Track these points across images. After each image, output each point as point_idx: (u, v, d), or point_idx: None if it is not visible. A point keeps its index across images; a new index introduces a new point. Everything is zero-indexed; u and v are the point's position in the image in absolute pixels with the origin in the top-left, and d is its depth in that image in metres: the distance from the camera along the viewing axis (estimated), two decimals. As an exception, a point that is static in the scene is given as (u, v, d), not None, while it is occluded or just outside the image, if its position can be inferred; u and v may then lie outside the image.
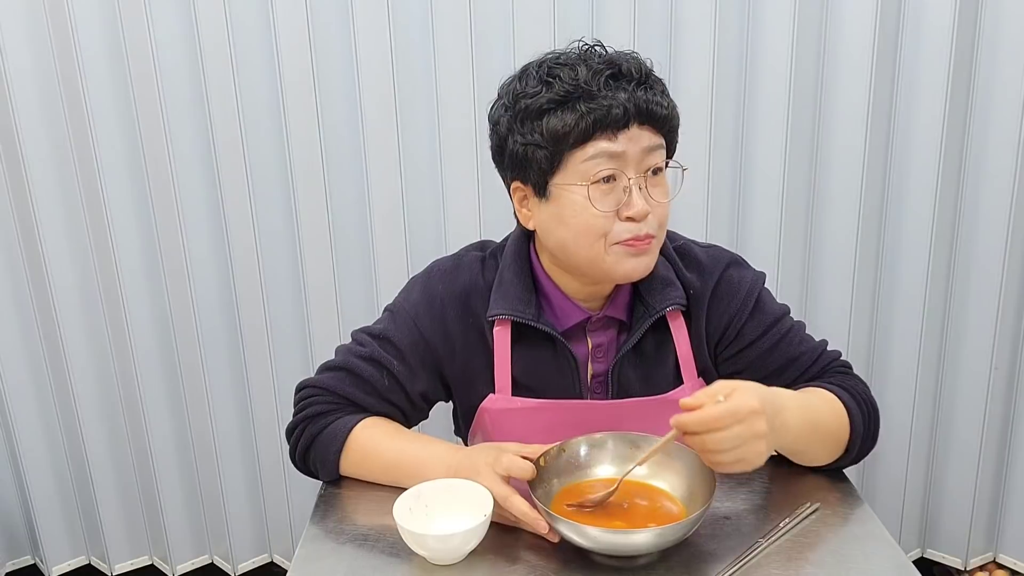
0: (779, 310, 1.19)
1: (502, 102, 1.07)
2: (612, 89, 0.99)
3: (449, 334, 1.15)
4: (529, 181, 1.06)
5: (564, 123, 0.99)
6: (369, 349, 1.15)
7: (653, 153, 1.03)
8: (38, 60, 1.66)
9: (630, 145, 1.00)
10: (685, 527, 0.91)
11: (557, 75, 1.00)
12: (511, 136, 1.04)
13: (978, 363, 1.79)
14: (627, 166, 1.01)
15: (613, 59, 1.01)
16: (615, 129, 0.99)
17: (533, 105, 1.01)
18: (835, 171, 1.71)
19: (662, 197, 1.05)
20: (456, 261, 1.19)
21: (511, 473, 0.98)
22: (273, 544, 2.04)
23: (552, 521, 0.93)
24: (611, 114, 0.98)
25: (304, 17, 1.62)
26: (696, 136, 1.70)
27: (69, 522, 2.01)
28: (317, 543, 1.02)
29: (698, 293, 1.14)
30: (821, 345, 1.19)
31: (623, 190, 1.02)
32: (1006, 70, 1.61)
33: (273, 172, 1.73)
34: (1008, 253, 1.70)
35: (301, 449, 1.14)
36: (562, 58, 1.03)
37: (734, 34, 1.65)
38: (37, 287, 1.81)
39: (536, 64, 1.04)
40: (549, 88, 1.00)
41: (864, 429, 1.08)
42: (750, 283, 1.16)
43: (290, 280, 1.81)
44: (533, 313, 1.12)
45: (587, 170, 1.01)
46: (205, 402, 1.88)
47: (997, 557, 1.94)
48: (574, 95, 0.99)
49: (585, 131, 0.99)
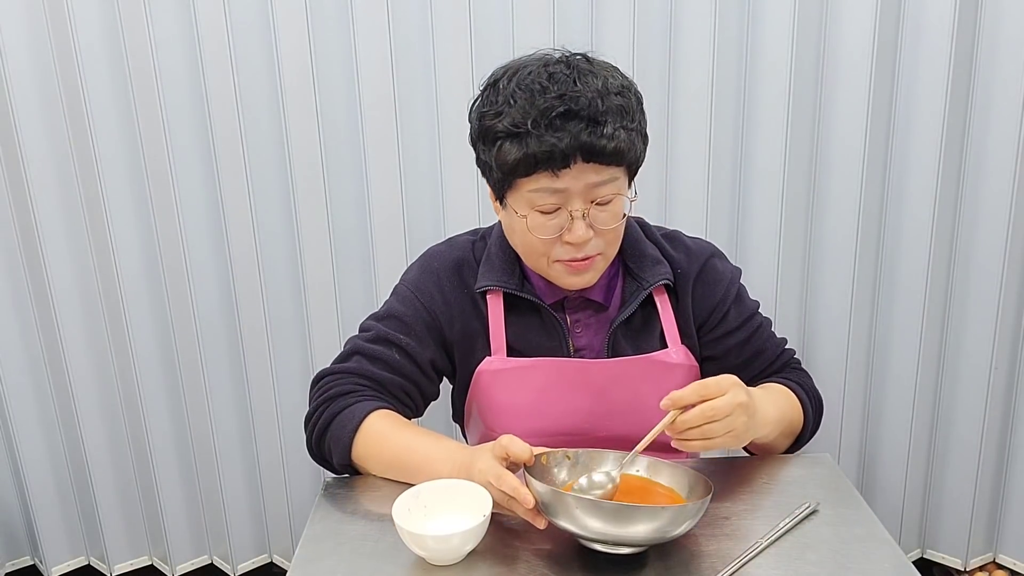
0: (753, 305, 1.28)
1: (475, 107, 1.11)
2: (558, 129, 1.01)
3: (448, 302, 1.21)
4: (490, 186, 1.14)
5: (512, 155, 1.03)
6: (376, 331, 1.21)
7: (602, 186, 1.06)
8: (38, 60, 1.66)
9: (573, 182, 1.04)
10: (682, 512, 0.89)
11: (516, 101, 1.03)
12: (476, 145, 1.12)
13: (978, 363, 1.79)
14: (571, 199, 1.06)
15: (568, 94, 1.02)
16: (557, 168, 1.03)
17: (490, 129, 1.06)
18: (835, 171, 1.71)
19: (610, 223, 1.09)
20: (449, 243, 1.28)
21: (509, 451, 0.98)
22: (273, 544, 2.04)
23: (548, 505, 0.92)
24: (554, 153, 1.01)
25: (304, 18, 1.62)
26: (696, 136, 1.70)
27: (68, 522, 2.01)
28: (317, 543, 1.02)
29: (684, 272, 1.22)
30: (782, 342, 1.31)
31: (568, 216, 1.07)
32: (1006, 70, 1.61)
33: (273, 173, 1.73)
34: (1008, 253, 1.70)
35: (319, 432, 1.17)
36: (529, 78, 1.04)
37: (734, 34, 1.65)
38: (36, 288, 1.81)
39: (506, 77, 1.07)
40: (504, 116, 1.04)
41: (813, 422, 1.24)
42: (731, 275, 1.25)
43: (290, 280, 1.81)
44: (517, 283, 1.19)
45: (532, 199, 1.06)
46: (205, 402, 1.88)
47: (997, 557, 1.94)
48: (523, 129, 1.02)
49: (528, 166, 1.03)
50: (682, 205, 1.75)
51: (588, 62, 1.07)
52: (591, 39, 1.64)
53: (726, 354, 1.25)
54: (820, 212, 1.75)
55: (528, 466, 0.98)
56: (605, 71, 1.07)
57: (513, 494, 0.95)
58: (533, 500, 0.93)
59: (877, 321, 1.82)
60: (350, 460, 1.15)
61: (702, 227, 1.75)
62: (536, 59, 1.08)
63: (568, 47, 1.11)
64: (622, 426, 1.17)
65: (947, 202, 1.70)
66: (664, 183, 1.74)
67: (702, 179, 1.72)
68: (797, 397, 1.22)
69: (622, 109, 1.04)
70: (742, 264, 1.79)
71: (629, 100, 1.06)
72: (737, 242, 1.79)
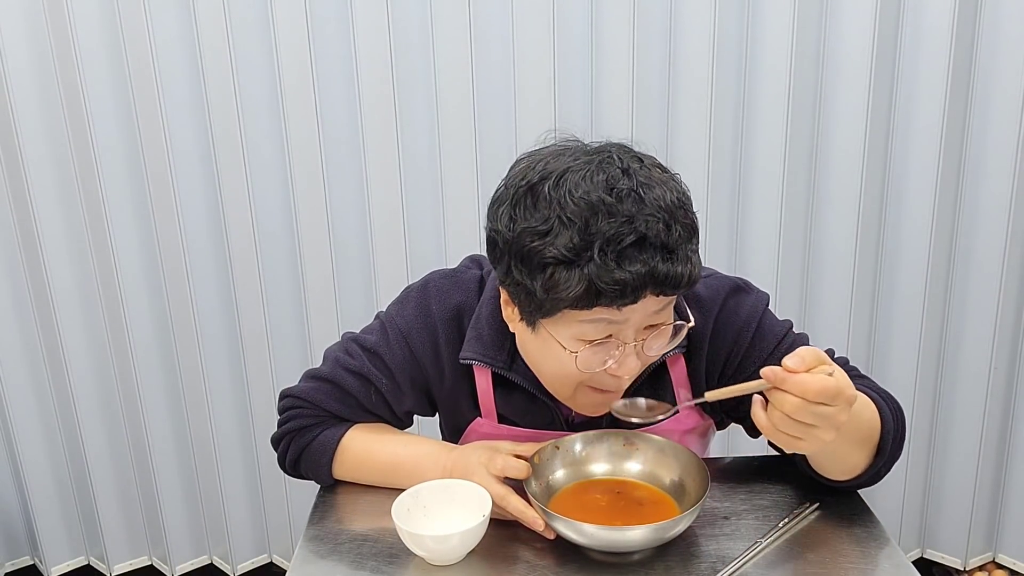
0: (781, 330, 1.07)
1: (506, 212, 0.91)
2: (631, 260, 0.84)
3: (439, 355, 1.09)
4: (518, 304, 0.94)
5: (570, 288, 0.85)
6: (358, 362, 1.10)
7: (660, 313, 0.92)
8: (37, 60, 1.66)
9: (635, 314, 0.89)
10: (679, 523, 0.92)
11: (571, 218, 0.85)
12: (511, 263, 0.91)
13: (977, 364, 1.79)
14: (627, 330, 0.91)
15: (638, 217, 0.85)
16: (624, 303, 0.87)
17: (537, 252, 0.87)
18: (834, 172, 1.71)
19: (659, 351, 0.96)
20: (453, 278, 1.12)
21: (506, 474, 0.98)
22: (272, 545, 2.04)
23: (549, 519, 0.94)
24: (624, 290, 0.85)
25: (304, 19, 1.62)
26: (696, 136, 1.70)
27: (68, 522, 2.01)
28: (316, 544, 1.02)
29: (698, 331, 1.05)
30: (828, 353, 1.09)
31: (616, 347, 0.92)
32: (1005, 70, 1.61)
33: (273, 174, 1.73)
34: (1007, 253, 1.70)
35: (291, 459, 1.14)
36: (582, 187, 0.86)
37: (734, 34, 1.65)
38: (36, 288, 1.81)
39: (552, 184, 0.87)
40: (557, 237, 0.85)
41: (893, 438, 0.99)
42: (749, 309, 1.06)
43: (289, 282, 1.81)
44: (505, 361, 1.05)
45: (582, 331, 0.90)
46: (204, 403, 1.88)
47: (996, 557, 1.94)
48: (585, 257, 0.84)
49: (591, 301, 0.86)
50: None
51: (641, 163, 0.90)
52: (591, 39, 1.64)
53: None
54: (820, 212, 1.75)
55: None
56: (661, 177, 0.90)
57: (520, 517, 0.96)
58: (543, 523, 0.95)
59: (877, 321, 1.82)
60: (332, 482, 1.13)
61: (701, 227, 1.72)
62: (580, 157, 0.90)
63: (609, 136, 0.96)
64: None
65: (946, 202, 1.70)
66: (664, 183, 1.74)
67: (702, 179, 1.72)
68: (874, 404, 0.98)
69: (691, 229, 0.90)
70: (741, 264, 1.79)
71: (690, 215, 0.91)
72: (737, 242, 1.79)
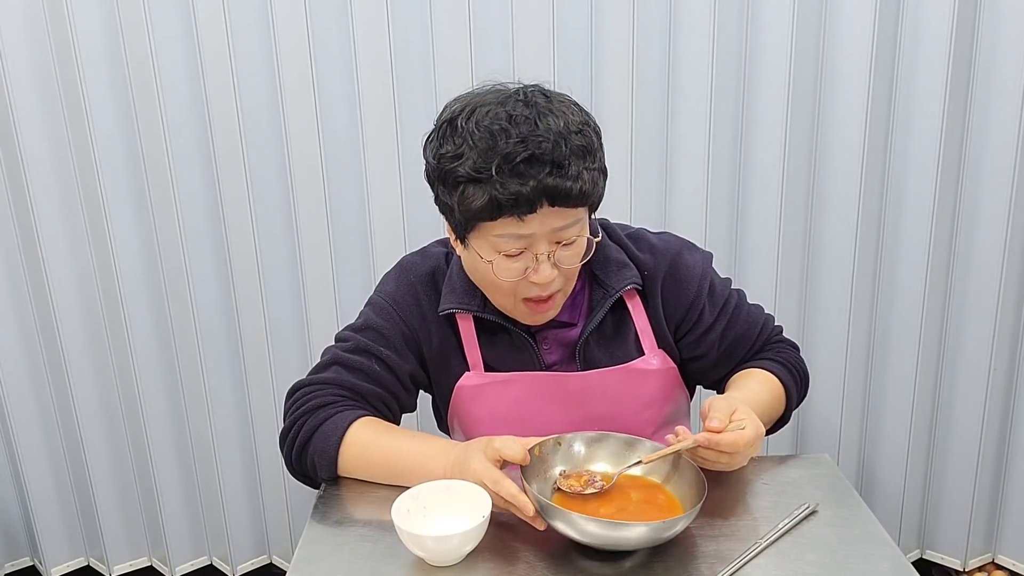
0: (726, 288, 1.25)
1: (431, 144, 1.08)
2: (522, 175, 0.99)
3: (425, 316, 1.20)
4: (450, 225, 1.11)
5: (476, 200, 1.01)
6: (354, 342, 1.19)
7: (566, 229, 1.05)
8: (37, 61, 1.66)
9: (539, 226, 1.03)
10: (678, 523, 0.92)
11: (476, 143, 1.00)
12: (435, 185, 1.08)
13: (977, 364, 1.79)
14: (537, 242, 1.04)
15: (530, 137, 0.99)
16: (523, 213, 1.01)
17: (451, 172, 1.02)
18: (834, 170, 1.71)
19: (573, 261, 1.09)
20: (423, 253, 1.27)
21: (502, 454, 0.99)
22: (272, 545, 2.04)
23: (545, 512, 0.93)
24: (519, 200, 0.99)
25: (303, 19, 1.62)
26: (696, 136, 1.70)
27: (68, 523, 2.00)
28: (316, 544, 1.02)
29: (652, 273, 1.20)
30: (759, 317, 1.28)
31: (533, 257, 1.05)
32: (1005, 69, 1.61)
33: (272, 173, 1.73)
34: (1007, 253, 1.70)
35: (299, 446, 1.14)
36: (488, 118, 1.01)
37: (734, 34, 1.65)
38: (36, 288, 1.81)
39: (464, 116, 1.03)
40: (465, 159, 1.01)
41: (797, 400, 1.26)
42: (701, 267, 1.21)
43: (289, 282, 1.81)
44: (479, 304, 1.17)
45: (497, 244, 1.05)
46: (204, 404, 1.88)
47: (996, 558, 1.94)
48: (485, 174, 0.99)
49: (493, 211, 1.01)
50: (682, 205, 1.75)
51: (547, 98, 1.04)
52: (591, 39, 1.64)
53: (707, 352, 1.24)
54: (820, 212, 1.75)
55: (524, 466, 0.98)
56: (564, 108, 1.04)
57: (512, 501, 0.96)
58: (533, 508, 0.94)
59: (876, 321, 1.82)
60: (336, 472, 1.13)
61: (702, 227, 1.75)
62: (492, 94, 1.05)
63: (522, 78, 1.09)
64: None
65: (946, 202, 1.70)
66: (664, 183, 1.74)
67: (702, 179, 1.72)
68: (781, 382, 1.23)
69: (584, 150, 1.02)
70: (741, 264, 1.79)
71: (590, 138, 1.04)
72: (737, 242, 1.79)
